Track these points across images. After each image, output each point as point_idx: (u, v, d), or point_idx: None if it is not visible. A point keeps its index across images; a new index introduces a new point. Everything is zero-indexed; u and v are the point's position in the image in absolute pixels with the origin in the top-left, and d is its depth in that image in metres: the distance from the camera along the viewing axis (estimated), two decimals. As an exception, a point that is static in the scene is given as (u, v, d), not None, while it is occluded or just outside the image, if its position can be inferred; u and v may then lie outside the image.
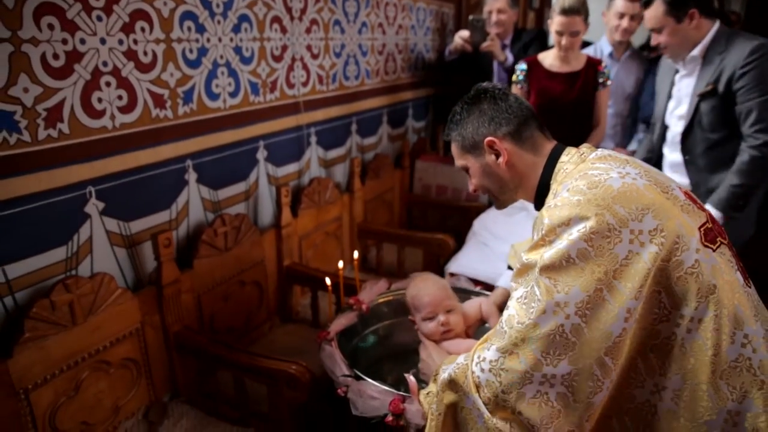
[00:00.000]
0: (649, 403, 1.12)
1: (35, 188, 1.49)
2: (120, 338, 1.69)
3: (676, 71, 2.41)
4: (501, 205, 1.48)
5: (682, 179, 2.38)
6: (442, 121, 3.98)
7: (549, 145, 1.36)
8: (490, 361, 1.16)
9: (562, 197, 1.15)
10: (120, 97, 1.69)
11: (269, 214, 2.43)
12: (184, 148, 1.95)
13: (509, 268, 1.89)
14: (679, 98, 2.38)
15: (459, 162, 1.45)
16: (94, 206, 1.67)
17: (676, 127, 2.37)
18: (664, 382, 1.10)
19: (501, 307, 1.70)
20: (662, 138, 2.51)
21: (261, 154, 2.35)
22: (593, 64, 2.77)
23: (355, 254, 2.05)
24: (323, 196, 2.64)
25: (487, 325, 1.73)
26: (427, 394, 1.37)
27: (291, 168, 2.55)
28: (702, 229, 1.13)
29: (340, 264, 1.97)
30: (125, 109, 1.71)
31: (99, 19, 1.59)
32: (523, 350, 1.11)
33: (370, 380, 1.51)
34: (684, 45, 2.22)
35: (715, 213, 2.17)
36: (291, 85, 2.46)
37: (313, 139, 2.69)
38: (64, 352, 1.52)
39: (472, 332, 1.72)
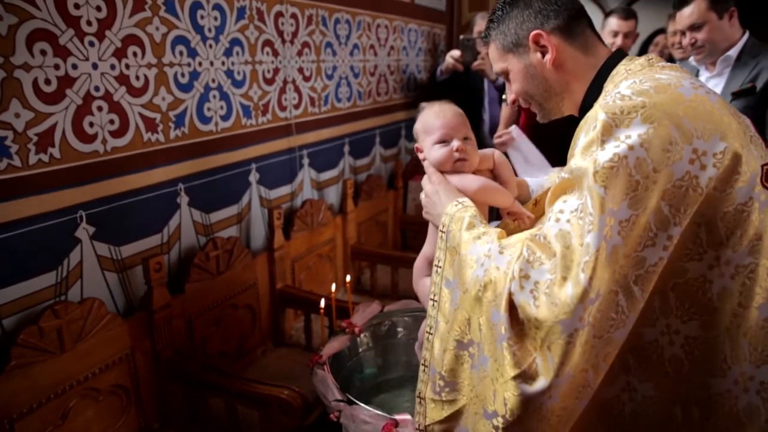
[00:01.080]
0: (657, 344, 0.98)
1: (25, 213, 1.48)
2: (109, 365, 1.66)
3: (697, 75, 2.42)
4: (545, 116, 1.28)
5: None
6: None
7: (604, 49, 1.20)
8: (536, 282, 0.96)
9: (623, 95, 0.98)
10: (112, 122, 1.69)
11: (262, 237, 2.42)
12: (176, 172, 1.95)
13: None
14: None
15: (498, 66, 1.26)
16: (84, 231, 1.65)
17: None
18: (678, 325, 0.97)
19: (521, 198, 1.42)
20: None
21: (253, 177, 2.35)
22: None
23: (348, 277, 2.04)
24: (316, 218, 2.63)
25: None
26: (441, 268, 1.14)
27: (283, 190, 2.55)
28: (765, 167, 0.99)
29: (333, 287, 1.96)
30: (117, 134, 1.71)
31: (91, 44, 1.60)
32: (572, 278, 0.92)
33: (362, 405, 1.49)
34: (721, 43, 2.24)
35: None
36: (283, 108, 2.47)
37: (306, 161, 2.69)
38: (51, 380, 1.50)
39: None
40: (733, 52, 2.27)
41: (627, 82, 1.02)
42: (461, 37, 3.24)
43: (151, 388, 1.80)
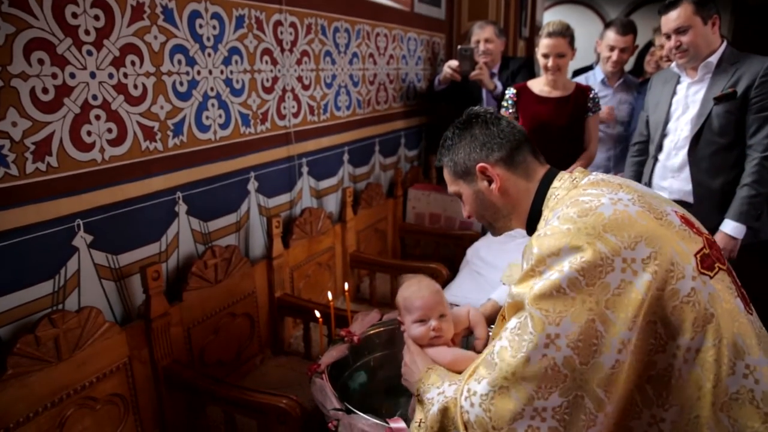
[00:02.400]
0: None
1: (22, 222, 1.48)
2: (107, 373, 1.65)
3: (677, 82, 2.47)
4: (496, 232, 1.45)
5: (681, 185, 2.44)
6: (435, 149, 4.02)
7: (542, 170, 1.34)
8: (481, 395, 1.10)
9: (552, 226, 1.11)
10: (109, 130, 1.69)
11: (260, 246, 2.42)
12: (175, 180, 1.95)
13: (504, 284, 1.87)
14: (687, 104, 2.44)
15: (452, 188, 1.43)
16: (82, 239, 1.65)
17: (682, 132, 2.43)
18: (662, 413, 1.05)
19: (489, 319, 1.66)
20: (659, 147, 2.55)
21: (252, 186, 2.35)
22: (582, 90, 2.82)
23: (346, 285, 2.03)
24: (315, 226, 2.63)
25: (473, 336, 1.65)
26: (419, 425, 1.31)
27: (282, 199, 2.55)
28: (698, 255, 1.09)
29: (330, 295, 1.95)
30: (115, 142, 1.72)
31: (89, 53, 1.61)
32: (514, 385, 1.05)
33: (361, 414, 1.48)
34: (704, 48, 2.30)
35: (737, 226, 2.24)
36: (282, 116, 2.48)
37: (305, 169, 2.70)
38: (48, 389, 1.49)
39: (458, 341, 1.63)
40: (714, 59, 2.32)
41: (557, 211, 1.15)
42: (459, 47, 3.25)
43: (148, 397, 1.79)
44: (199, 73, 2.00)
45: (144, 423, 1.79)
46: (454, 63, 3.26)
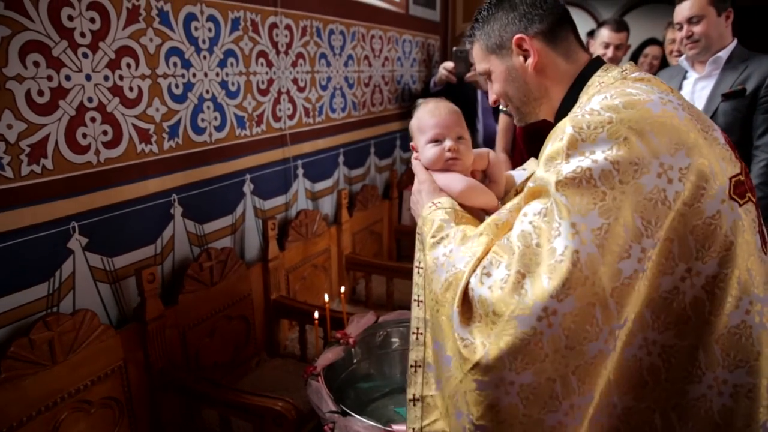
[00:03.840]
0: (635, 358, 0.99)
1: (17, 224, 1.48)
2: (102, 376, 1.65)
3: (684, 77, 2.46)
4: (522, 119, 1.30)
5: None
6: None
7: (585, 56, 1.20)
8: (495, 279, 0.97)
9: (592, 109, 0.99)
10: (105, 133, 1.69)
11: (256, 248, 2.42)
12: (170, 183, 1.95)
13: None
14: (693, 100, 2.41)
15: (481, 66, 1.27)
16: (77, 242, 1.65)
17: None
18: (655, 336, 0.98)
19: (508, 187, 1.42)
20: None
21: (247, 188, 2.34)
22: None
23: (342, 288, 2.03)
24: (311, 228, 2.63)
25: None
26: (418, 269, 1.17)
27: (278, 201, 2.55)
28: (733, 180, 1.01)
29: (326, 297, 1.95)
30: (110, 144, 1.71)
31: (85, 56, 1.61)
32: (532, 276, 0.93)
33: (356, 416, 1.48)
34: (715, 41, 2.28)
35: None
36: (277, 119, 2.48)
37: (300, 171, 2.70)
38: (42, 392, 1.48)
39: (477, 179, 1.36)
40: (724, 54, 2.30)
41: (599, 97, 1.03)
42: (454, 48, 3.25)
43: (143, 400, 1.79)
44: (194, 75, 2.00)
45: (139, 426, 1.78)
46: (449, 65, 3.27)
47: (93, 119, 1.65)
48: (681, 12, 2.31)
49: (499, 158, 1.40)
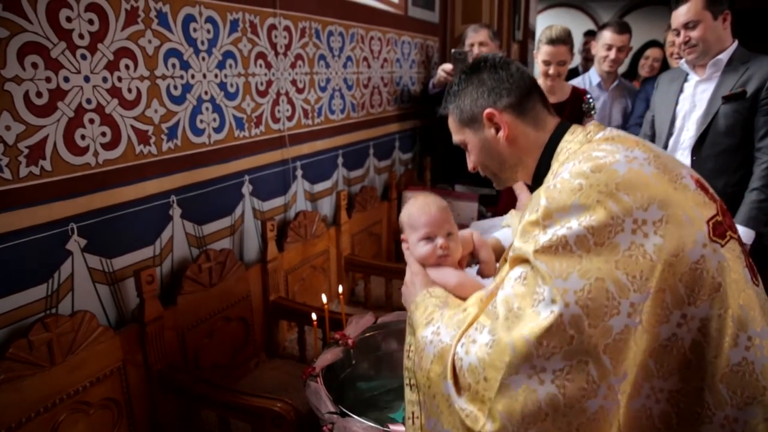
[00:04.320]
0: (644, 407, 1.01)
1: (16, 226, 1.48)
2: (100, 378, 1.65)
3: (685, 80, 2.45)
4: (500, 184, 1.38)
5: None
6: (429, 152, 4.04)
7: (553, 121, 1.27)
8: (480, 345, 1.02)
9: (563, 179, 1.05)
10: (103, 134, 1.69)
11: (255, 249, 2.42)
12: (169, 184, 1.95)
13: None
14: (694, 103, 2.41)
15: (456, 137, 1.35)
16: (76, 243, 1.65)
17: (688, 131, 2.40)
18: (661, 384, 1.01)
19: (496, 252, 1.53)
20: (664, 147, 2.51)
21: (246, 189, 2.35)
22: (579, 94, 2.82)
23: (340, 288, 2.04)
24: (309, 229, 2.63)
25: (474, 267, 1.51)
26: (408, 354, 1.23)
27: (277, 202, 2.55)
28: (711, 222, 1.05)
29: (324, 299, 1.95)
30: (109, 146, 1.71)
31: (83, 57, 1.61)
32: (515, 337, 0.97)
33: (355, 417, 1.48)
34: (714, 44, 2.26)
35: (746, 232, 2.19)
36: (276, 120, 2.48)
37: (299, 172, 2.70)
38: (41, 394, 1.48)
39: (464, 264, 1.48)
40: (724, 56, 2.29)
41: (568, 165, 1.08)
42: (453, 50, 3.26)
43: (142, 402, 1.79)
44: (193, 76, 2.00)
45: (138, 427, 1.78)
46: (448, 66, 3.27)
47: (92, 121, 1.66)
48: (677, 18, 2.30)
49: (482, 240, 1.49)
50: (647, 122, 2.69)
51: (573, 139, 1.19)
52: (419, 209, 1.40)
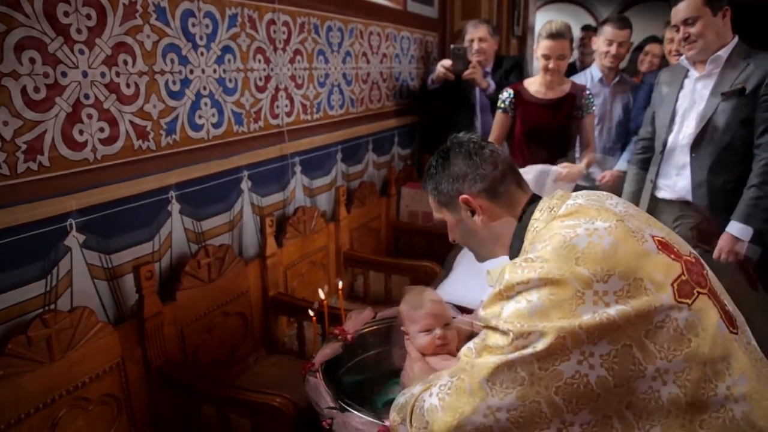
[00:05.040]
0: None
1: (14, 221, 1.47)
2: (100, 374, 1.65)
3: (685, 76, 2.43)
4: (480, 259, 1.46)
5: (686, 182, 2.40)
6: (428, 148, 4.03)
7: (524, 198, 1.34)
8: (440, 386, 1.14)
9: (527, 259, 1.12)
10: (102, 129, 1.69)
11: (254, 245, 2.41)
12: (168, 179, 1.94)
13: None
14: (694, 99, 2.40)
15: (436, 215, 1.44)
16: (74, 239, 1.64)
17: (688, 128, 2.39)
18: None
19: None
20: (664, 143, 2.51)
21: (245, 184, 2.34)
22: (578, 90, 2.81)
23: (340, 284, 2.03)
24: (308, 225, 2.63)
25: None
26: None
27: (275, 197, 2.55)
28: (675, 284, 1.08)
29: (321, 294, 1.95)
30: (107, 141, 1.71)
31: (81, 52, 1.60)
32: (474, 383, 1.08)
33: (355, 411, 1.48)
34: (713, 40, 2.25)
35: (743, 227, 2.19)
36: (275, 115, 2.48)
37: (298, 168, 2.69)
38: (40, 390, 1.48)
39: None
40: (724, 53, 2.27)
41: (535, 245, 1.16)
42: (452, 46, 3.25)
43: (141, 398, 1.79)
44: (191, 72, 1.99)
45: (137, 423, 1.78)
46: (447, 62, 3.26)
47: (90, 116, 1.65)
48: (677, 14, 2.28)
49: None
50: (647, 119, 2.68)
51: (540, 217, 1.25)
52: (417, 303, 1.60)
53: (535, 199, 1.32)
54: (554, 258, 1.08)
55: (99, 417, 1.66)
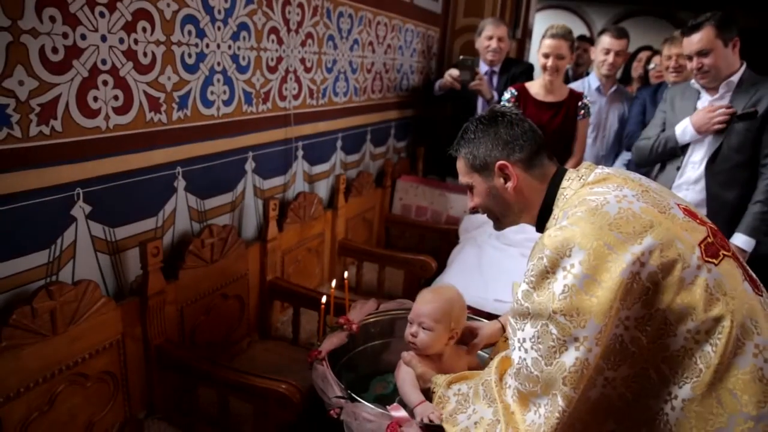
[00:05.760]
0: (662, 412, 1.13)
1: (22, 187, 1.41)
2: (99, 350, 1.59)
3: (698, 98, 2.52)
4: (501, 227, 1.49)
5: (695, 196, 2.48)
6: (423, 143, 4.02)
7: (553, 170, 1.39)
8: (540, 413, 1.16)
9: (562, 226, 1.17)
10: (116, 98, 1.63)
11: (253, 227, 2.37)
12: (176, 155, 1.89)
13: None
14: None
15: (464, 179, 1.45)
16: (81, 209, 1.58)
17: (702, 146, 2.47)
18: (676, 390, 1.12)
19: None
20: (674, 155, 2.59)
21: (249, 166, 2.29)
22: (576, 96, 2.87)
23: (345, 274, 2.01)
24: (308, 211, 2.59)
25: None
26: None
27: (277, 181, 2.50)
28: (702, 244, 1.16)
29: (333, 283, 1.93)
30: (120, 111, 1.65)
31: (102, 15, 1.53)
32: (555, 390, 1.12)
33: (365, 402, 1.47)
34: (724, 70, 2.36)
35: (747, 240, 2.32)
36: (283, 98, 2.43)
37: (300, 153, 2.65)
38: (41, 364, 1.43)
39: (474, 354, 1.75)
40: (735, 78, 2.38)
41: (566, 211, 1.22)
42: (460, 57, 3.23)
43: (139, 377, 1.74)
44: (207, 46, 1.94)
45: (132, 402, 1.73)
46: (455, 72, 3.25)
47: (105, 83, 1.59)
48: (690, 45, 2.37)
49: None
50: (656, 128, 2.69)
51: (569, 186, 1.31)
52: (421, 294, 1.66)
53: (561, 170, 1.38)
54: (588, 223, 1.14)
55: (96, 394, 1.61)
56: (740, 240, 2.33)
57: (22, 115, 1.38)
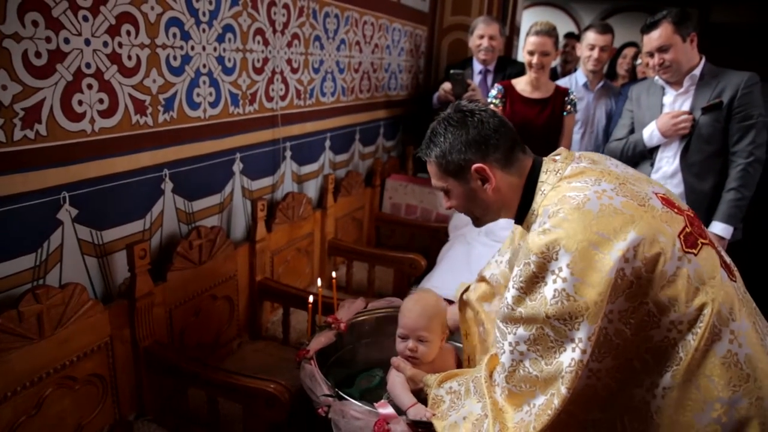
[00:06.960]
0: (644, 400, 1.16)
1: (7, 191, 1.41)
2: (87, 353, 1.59)
3: (663, 93, 2.57)
4: (480, 224, 1.45)
5: (675, 189, 2.52)
6: (412, 141, 4.04)
7: (529, 162, 1.34)
8: (535, 404, 1.18)
9: (545, 228, 1.15)
10: (101, 101, 1.63)
11: (242, 228, 2.38)
12: (162, 157, 1.89)
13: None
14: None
15: (438, 183, 1.38)
16: (67, 213, 1.58)
17: (673, 140, 2.52)
18: (658, 380, 1.14)
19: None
20: (644, 157, 2.64)
21: (237, 167, 2.30)
22: (562, 92, 2.89)
23: (334, 273, 2.02)
24: (297, 211, 2.60)
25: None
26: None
27: (265, 182, 2.51)
28: (681, 235, 1.17)
29: (319, 282, 1.94)
30: (105, 114, 1.65)
31: (85, 19, 1.54)
32: (552, 389, 1.14)
33: (352, 400, 1.48)
34: (685, 64, 2.42)
35: (725, 227, 2.37)
36: (270, 98, 2.44)
37: (288, 153, 2.66)
38: (28, 367, 1.43)
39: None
40: (697, 72, 2.45)
41: (547, 209, 1.20)
42: (451, 71, 3.22)
43: (128, 379, 1.74)
44: (192, 48, 1.94)
45: (121, 405, 1.73)
46: (447, 86, 3.25)
47: (90, 86, 1.59)
48: (650, 42, 2.43)
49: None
50: (624, 128, 2.74)
51: (546, 179, 1.28)
52: (405, 307, 1.63)
53: (537, 162, 1.34)
54: (571, 224, 1.13)
55: (85, 397, 1.61)
56: (718, 228, 2.39)
57: (5, 120, 1.39)
